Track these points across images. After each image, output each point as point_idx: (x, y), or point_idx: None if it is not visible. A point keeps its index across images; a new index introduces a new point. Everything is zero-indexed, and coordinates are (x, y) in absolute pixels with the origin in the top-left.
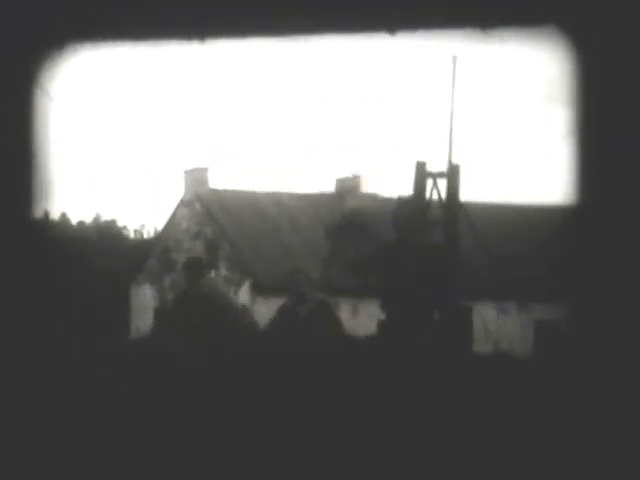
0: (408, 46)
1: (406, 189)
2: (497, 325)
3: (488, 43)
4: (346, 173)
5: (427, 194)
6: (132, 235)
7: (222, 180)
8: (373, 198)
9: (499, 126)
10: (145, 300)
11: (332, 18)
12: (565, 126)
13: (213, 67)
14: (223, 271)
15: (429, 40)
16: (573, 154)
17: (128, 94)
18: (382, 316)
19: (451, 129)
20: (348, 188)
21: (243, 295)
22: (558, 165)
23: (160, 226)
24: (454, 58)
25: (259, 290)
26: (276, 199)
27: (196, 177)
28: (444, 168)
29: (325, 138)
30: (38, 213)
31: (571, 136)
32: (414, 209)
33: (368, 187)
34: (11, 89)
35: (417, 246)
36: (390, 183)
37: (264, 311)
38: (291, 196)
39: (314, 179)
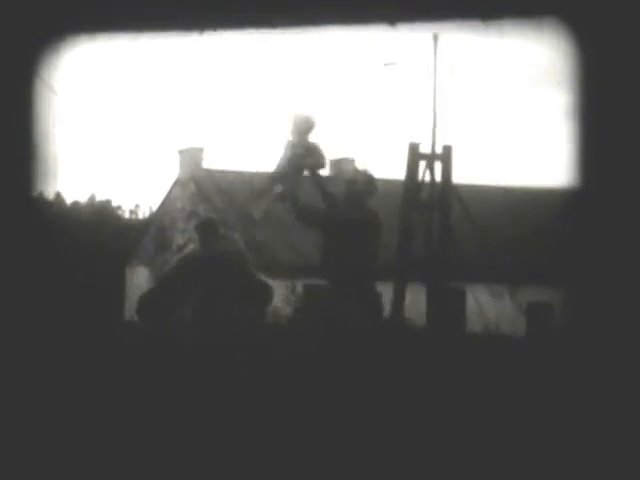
0: (405, 35)
1: (399, 170)
2: (490, 307)
3: (488, 34)
4: (340, 155)
5: (420, 176)
6: (127, 215)
7: (217, 160)
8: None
9: (497, 111)
10: (140, 281)
11: (332, 10)
12: (564, 114)
13: (212, 57)
14: None
15: (428, 30)
16: (573, 144)
17: (127, 82)
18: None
19: (435, 109)
20: (342, 170)
21: None
22: (555, 151)
23: (155, 206)
24: (435, 35)
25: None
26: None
27: (191, 157)
28: (436, 150)
29: (319, 121)
30: (36, 195)
31: (571, 125)
32: (407, 190)
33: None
34: (11, 80)
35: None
36: (384, 165)
37: None
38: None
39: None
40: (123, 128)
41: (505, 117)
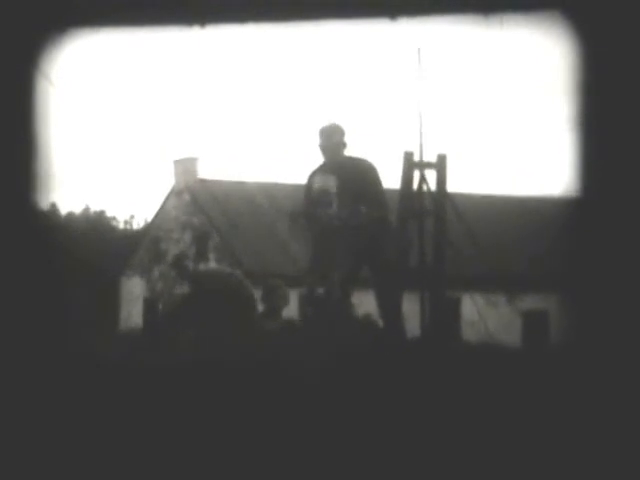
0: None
1: (394, 179)
2: (485, 315)
3: (490, 29)
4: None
5: (415, 185)
6: (122, 226)
7: (212, 170)
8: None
9: (498, 115)
10: (135, 292)
11: (333, 3)
12: (566, 114)
13: (211, 53)
14: (212, 262)
15: (429, 26)
16: (575, 144)
17: (125, 82)
18: None
19: (421, 121)
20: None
21: None
22: (556, 158)
23: (150, 217)
24: (419, 50)
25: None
26: (266, 190)
27: (186, 167)
28: (431, 159)
29: (315, 128)
30: (38, 202)
31: (573, 125)
32: (402, 200)
33: None
34: (11, 74)
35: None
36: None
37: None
38: (280, 186)
39: (304, 170)
40: (118, 137)
41: (505, 121)
